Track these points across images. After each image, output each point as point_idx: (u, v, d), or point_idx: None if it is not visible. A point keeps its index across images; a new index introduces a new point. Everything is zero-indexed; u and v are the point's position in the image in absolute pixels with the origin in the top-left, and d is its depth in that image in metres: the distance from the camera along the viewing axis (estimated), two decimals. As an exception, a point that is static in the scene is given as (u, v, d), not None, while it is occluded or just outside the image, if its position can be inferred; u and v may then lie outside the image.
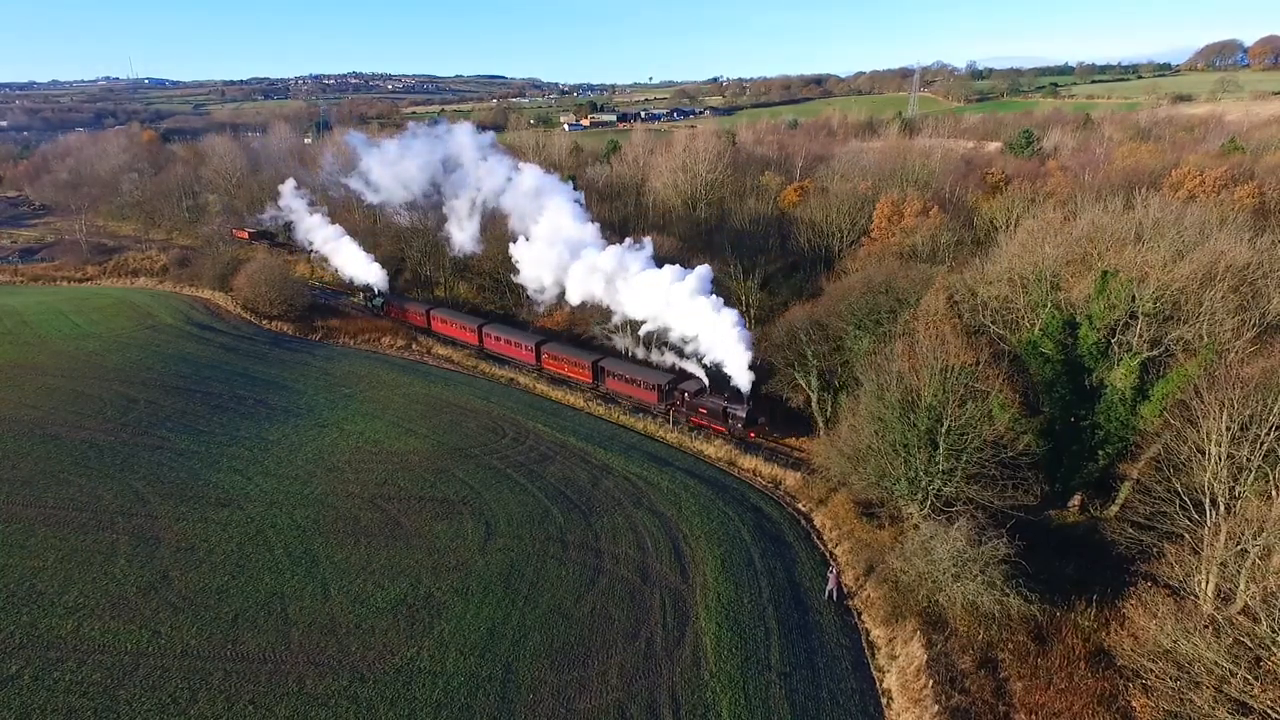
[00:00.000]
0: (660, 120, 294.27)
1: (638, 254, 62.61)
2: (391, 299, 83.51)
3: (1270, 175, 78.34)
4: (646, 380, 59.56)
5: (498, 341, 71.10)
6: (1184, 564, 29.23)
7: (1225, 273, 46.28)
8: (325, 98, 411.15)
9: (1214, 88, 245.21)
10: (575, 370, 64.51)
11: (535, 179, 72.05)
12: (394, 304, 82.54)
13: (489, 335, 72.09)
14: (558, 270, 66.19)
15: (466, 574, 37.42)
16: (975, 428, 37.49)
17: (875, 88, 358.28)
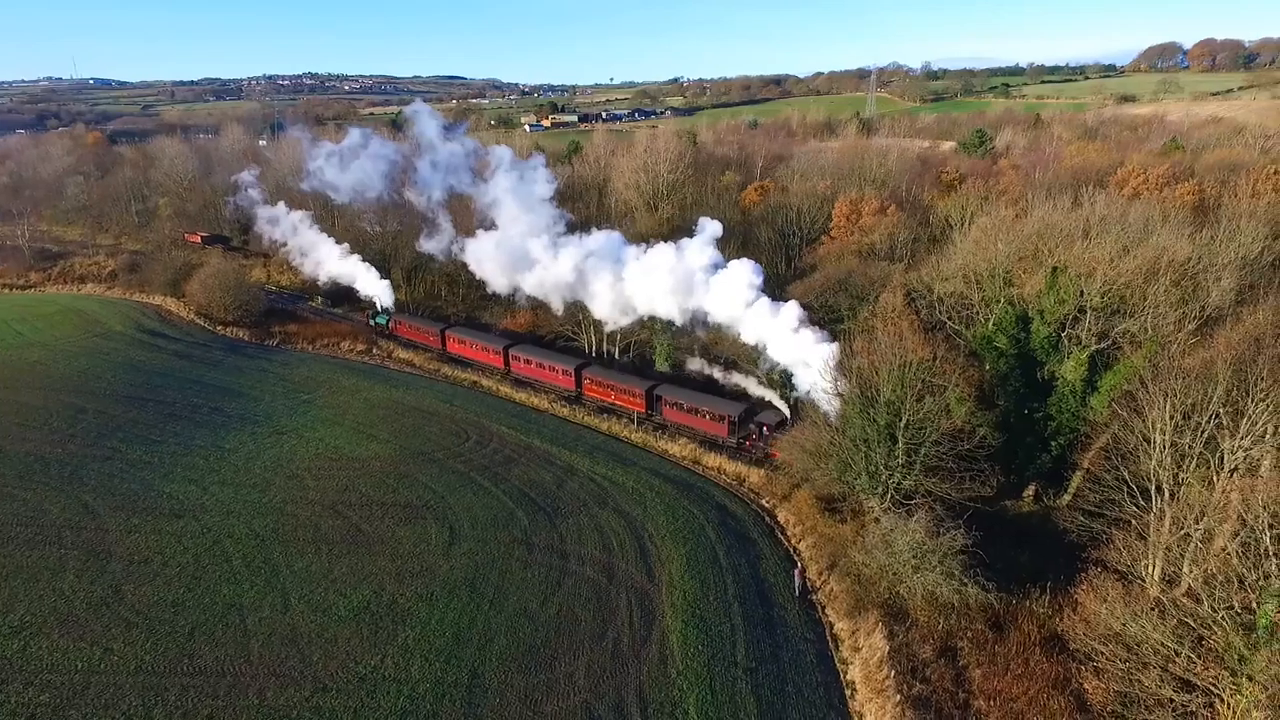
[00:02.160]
0: (622, 121, 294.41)
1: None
2: (399, 317, 77.43)
3: (1209, 173, 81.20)
4: (715, 411, 53.66)
5: (528, 365, 64.79)
6: (1132, 549, 30.20)
7: (1167, 267, 47.91)
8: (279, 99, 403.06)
9: (1156, 89, 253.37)
10: (625, 398, 58.39)
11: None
12: (401, 322, 76.35)
13: (516, 358, 65.91)
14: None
15: (430, 579, 37.07)
16: (933, 421, 38.27)
17: (833, 88, 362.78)
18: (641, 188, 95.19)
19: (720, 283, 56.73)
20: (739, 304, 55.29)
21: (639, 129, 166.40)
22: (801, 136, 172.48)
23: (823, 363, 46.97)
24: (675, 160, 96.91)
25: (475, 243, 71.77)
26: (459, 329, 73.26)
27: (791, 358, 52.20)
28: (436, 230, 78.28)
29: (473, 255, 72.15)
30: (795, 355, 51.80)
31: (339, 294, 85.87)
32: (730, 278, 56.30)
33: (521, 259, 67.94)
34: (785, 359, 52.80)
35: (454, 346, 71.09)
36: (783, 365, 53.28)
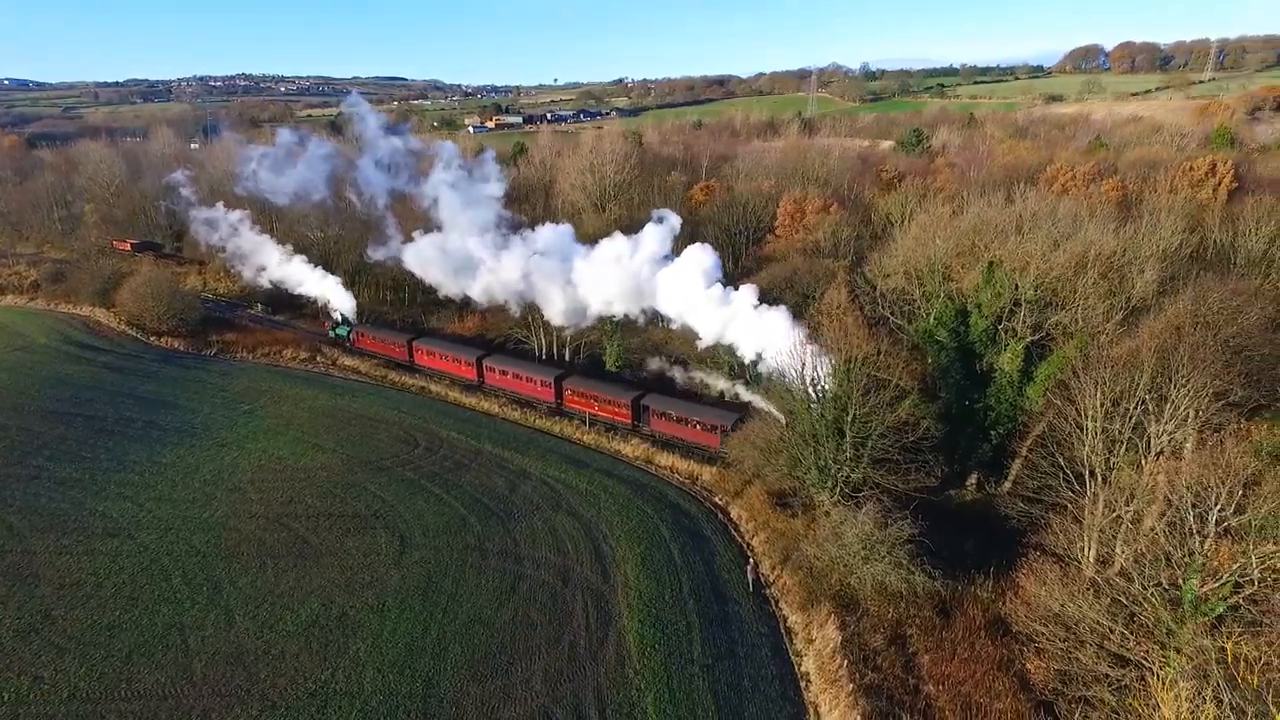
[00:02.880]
0: (567, 122, 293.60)
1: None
2: (361, 328, 73.70)
3: (1130, 170, 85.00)
4: (707, 420, 51.89)
5: (504, 376, 62.26)
6: (1068, 532, 31.37)
7: (1095, 261, 49.91)
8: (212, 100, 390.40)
9: (1081, 89, 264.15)
10: (610, 409, 56.21)
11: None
12: (364, 334, 72.59)
13: (491, 369, 63.18)
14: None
15: (382, 589, 36.38)
16: (878, 415, 39.14)
17: (775, 88, 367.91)
18: (588, 189, 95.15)
19: (676, 271, 56.80)
20: (697, 290, 54.91)
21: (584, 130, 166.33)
22: (745, 136, 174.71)
23: (789, 340, 46.51)
24: (621, 161, 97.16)
25: (416, 246, 70.59)
26: (428, 340, 70.10)
27: (755, 342, 51.28)
28: (380, 233, 76.94)
29: (414, 258, 70.98)
30: (759, 338, 50.72)
31: (280, 300, 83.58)
32: (687, 263, 56.53)
33: (467, 261, 67.33)
34: (748, 343, 52.08)
35: (423, 358, 68.01)
36: (751, 355, 52.34)
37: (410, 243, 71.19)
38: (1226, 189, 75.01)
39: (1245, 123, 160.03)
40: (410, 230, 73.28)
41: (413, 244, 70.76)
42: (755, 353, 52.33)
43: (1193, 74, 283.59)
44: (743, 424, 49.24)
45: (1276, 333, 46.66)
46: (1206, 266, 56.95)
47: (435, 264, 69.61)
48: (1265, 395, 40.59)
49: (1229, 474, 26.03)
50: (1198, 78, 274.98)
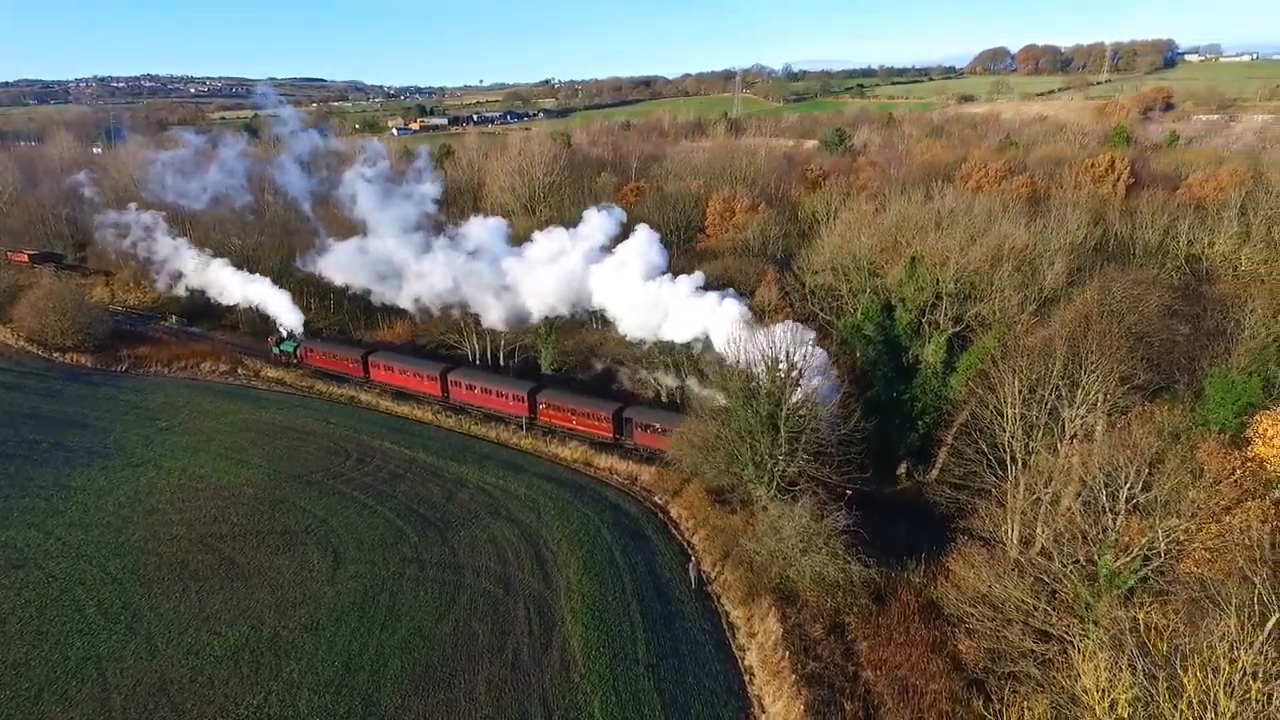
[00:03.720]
0: (494, 123, 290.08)
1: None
2: (309, 343, 69.49)
3: (1038, 167, 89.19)
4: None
5: (471, 391, 59.30)
6: (993, 516, 32.72)
7: (1009, 254, 52.22)
8: (115, 102, 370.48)
9: (991, 90, 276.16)
10: (589, 423, 53.85)
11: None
12: (313, 349, 68.49)
13: (457, 383, 60.27)
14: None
15: (315, 607, 35.20)
16: (812, 409, 40.01)
17: (701, 89, 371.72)
18: (517, 190, 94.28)
19: (619, 259, 56.37)
20: (641, 278, 54.39)
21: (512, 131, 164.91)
22: (673, 137, 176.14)
23: (733, 322, 46.60)
24: (550, 162, 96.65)
25: (334, 254, 68.13)
26: (386, 354, 66.09)
27: (702, 328, 50.63)
28: (303, 239, 74.48)
29: (334, 267, 68.48)
30: (704, 323, 50.06)
31: (197, 311, 79.93)
32: (630, 250, 56.19)
33: (394, 266, 65.75)
34: (695, 331, 51.44)
35: (380, 374, 64.17)
36: (698, 342, 51.26)
37: (328, 251, 68.75)
38: (1124, 184, 79.53)
39: (1139, 122, 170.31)
40: (337, 235, 71.16)
41: (330, 252, 68.32)
42: (701, 341, 51.68)
43: (1090, 75, 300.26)
44: None
45: (1172, 319, 49.81)
46: (1109, 258, 60.32)
47: (358, 271, 67.60)
48: (1165, 378, 43.19)
49: (1136, 454, 27.63)
50: (1095, 79, 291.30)
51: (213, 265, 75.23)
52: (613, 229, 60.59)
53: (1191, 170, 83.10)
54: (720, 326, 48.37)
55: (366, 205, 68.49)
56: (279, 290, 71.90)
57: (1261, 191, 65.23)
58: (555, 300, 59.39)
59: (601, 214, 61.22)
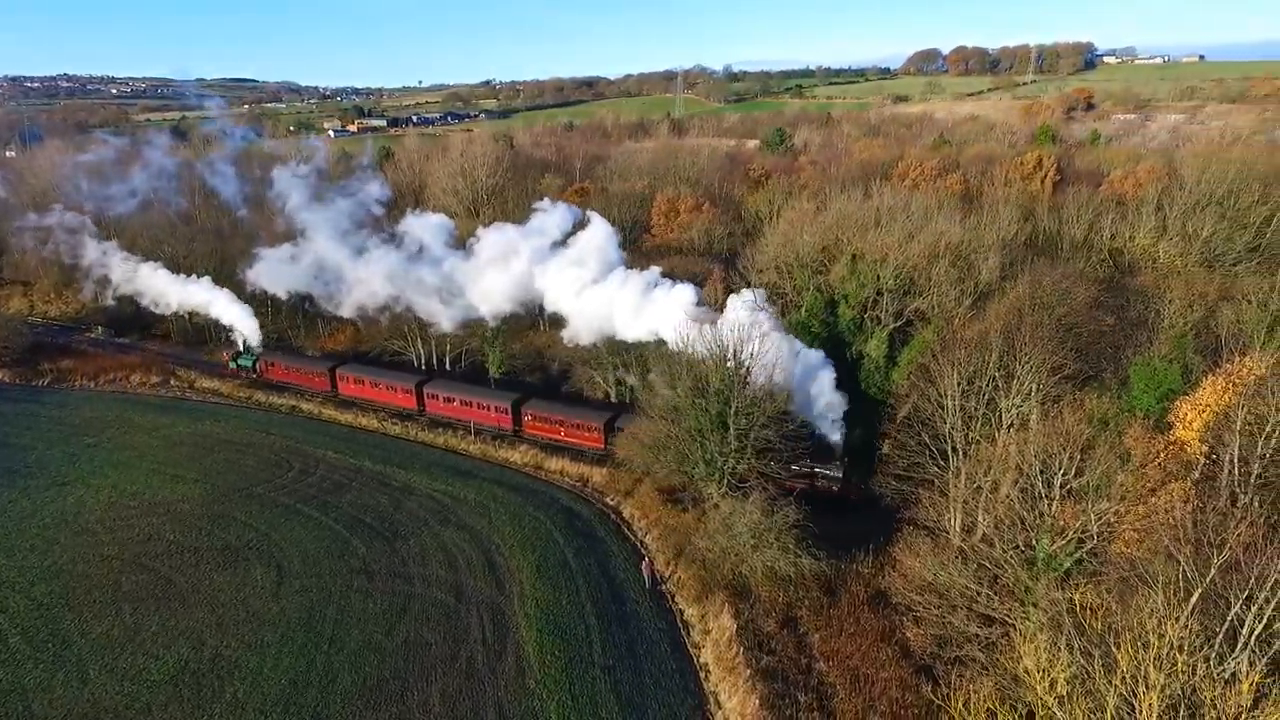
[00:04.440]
0: (434, 125, 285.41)
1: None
2: (269, 356, 66.24)
3: (970, 165, 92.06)
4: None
5: (450, 404, 56.69)
6: (936, 505, 33.64)
7: (945, 250, 53.80)
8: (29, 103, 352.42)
9: (924, 90, 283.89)
10: (578, 434, 52.04)
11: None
12: (274, 363, 65.29)
13: (434, 396, 57.36)
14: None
15: (259, 625, 34.13)
16: (759, 406, 40.52)
17: (643, 89, 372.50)
18: (460, 193, 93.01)
19: (573, 254, 55.76)
20: (598, 270, 53.77)
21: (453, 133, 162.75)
22: (616, 137, 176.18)
23: (682, 316, 46.59)
24: (493, 164, 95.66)
25: (265, 261, 65.93)
26: (355, 367, 63.53)
27: (654, 326, 50.28)
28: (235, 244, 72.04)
29: (265, 274, 66.22)
30: (658, 320, 49.73)
31: (124, 321, 76.62)
32: (588, 239, 55.71)
33: (332, 270, 64.11)
34: (654, 327, 50.88)
35: (350, 388, 61.58)
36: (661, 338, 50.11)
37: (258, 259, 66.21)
38: (1051, 182, 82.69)
39: (1063, 121, 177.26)
40: (273, 240, 69.00)
41: (260, 260, 65.89)
42: (662, 336, 50.78)
43: (1017, 76, 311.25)
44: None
45: (1098, 310, 52.05)
46: (1039, 252, 62.69)
47: (293, 278, 65.50)
48: (1093, 367, 45.07)
49: (1068, 441, 28.76)
50: (1021, 79, 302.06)
51: (144, 270, 71.23)
52: (566, 224, 60.16)
53: (1113, 168, 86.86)
54: (671, 321, 48.38)
55: (301, 207, 66.55)
56: (235, 299, 68.42)
57: (1176, 188, 68.57)
58: (505, 300, 58.68)
59: (554, 208, 60.70)
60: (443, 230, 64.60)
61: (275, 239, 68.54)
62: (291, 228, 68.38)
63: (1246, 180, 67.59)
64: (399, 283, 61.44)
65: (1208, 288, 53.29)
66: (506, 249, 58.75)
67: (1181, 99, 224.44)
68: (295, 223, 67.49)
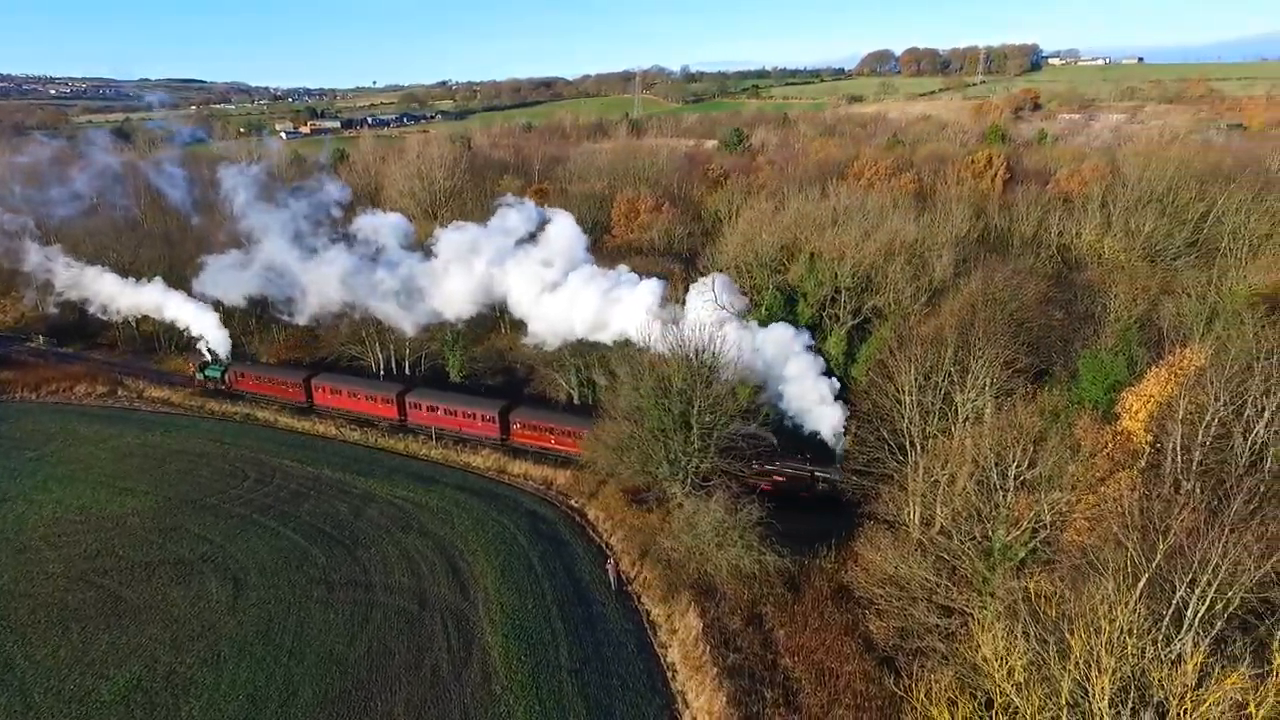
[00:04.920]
0: (390, 126, 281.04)
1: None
2: (239, 366, 63.88)
3: (924, 164, 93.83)
4: None
5: (433, 412, 55.29)
6: (896, 500, 34.20)
7: (900, 248, 54.72)
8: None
9: (878, 90, 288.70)
10: (571, 442, 50.38)
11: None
12: (244, 373, 63.07)
13: (416, 405, 55.73)
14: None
15: (215, 639, 33.27)
16: (722, 405, 40.77)
17: (602, 90, 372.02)
18: (417, 195, 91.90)
19: (540, 250, 55.30)
20: (565, 267, 53.31)
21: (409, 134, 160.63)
22: (575, 138, 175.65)
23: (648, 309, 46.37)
24: (451, 166, 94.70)
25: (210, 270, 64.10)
26: (331, 376, 61.46)
27: (624, 321, 49.85)
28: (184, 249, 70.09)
29: (211, 284, 64.29)
30: (629, 315, 49.28)
31: (67, 330, 74.04)
32: (555, 235, 55.20)
33: (286, 274, 62.79)
34: (618, 324, 50.72)
35: (326, 399, 59.54)
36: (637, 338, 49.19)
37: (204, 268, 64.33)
38: (1001, 180, 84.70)
39: (1012, 121, 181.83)
40: (223, 246, 67.26)
41: (206, 269, 64.00)
42: (628, 335, 50.76)
43: (967, 77, 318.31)
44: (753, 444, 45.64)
45: (1048, 305, 53.44)
46: (991, 249, 64.10)
47: (242, 286, 63.90)
48: (1044, 361, 46.32)
49: (1022, 434, 29.48)
50: (971, 80, 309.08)
51: (90, 273, 68.41)
52: (530, 222, 59.78)
53: (1059, 166, 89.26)
54: (635, 319, 48.38)
55: (252, 210, 65.04)
56: (204, 306, 65.56)
57: (1119, 186, 70.77)
58: (468, 301, 58.04)
59: (518, 204, 60.27)
60: (399, 229, 63.68)
61: (226, 244, 66.82)
62: (243, 232, 66.74)
63: (1184, 178, 70.08)
64: (355, 286, 60.47)
65: (1150, 282, 55.07)
66: (469, 248, 58.16)
67: (1122, 99, 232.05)
68: (246, 227, 65.88)
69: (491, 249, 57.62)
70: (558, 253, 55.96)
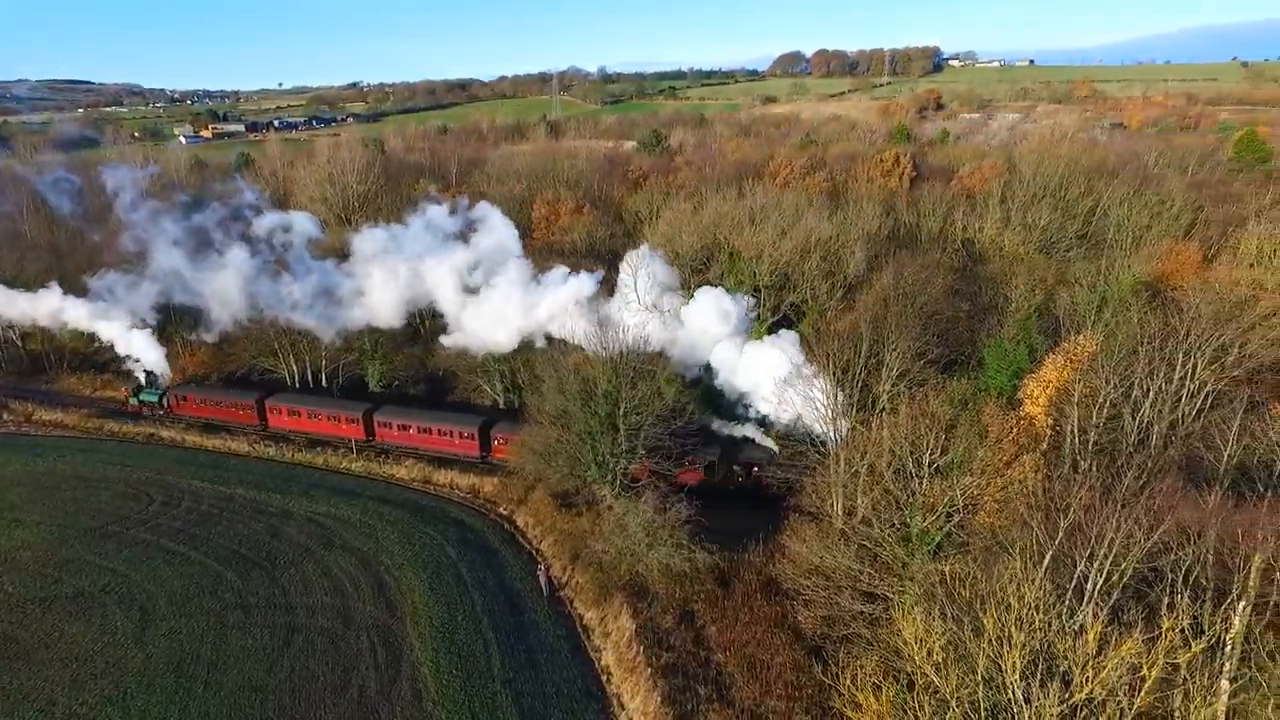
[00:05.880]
0: (298, 129, 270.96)
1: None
2: (182, 389, 59.23)
3: (836, 163, 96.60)
4: (694, 458, 45.43)
5: (404, 431, 52.44)
6: (819, 492, 35.09)
7: (815, 245, 56.21)
8: None
9: (790, 91, 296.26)
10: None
11: None
12: (187, 396, 58.41)
13: (386, 424, 52.77)
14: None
15: (121, 675, 31.41)
16: (648, 405, 40.98)
17: (518, 91, 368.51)
18: (329, 200, 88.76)
19: (468, 256, 54.33)
20: (498, 262, 52.60)
21: (319, 138, 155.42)
22: (493, 140, 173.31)
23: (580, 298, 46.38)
24: (364, 170, 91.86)
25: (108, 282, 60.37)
26: (288, 396, 57.86)
27: (553, 321, 49.67)
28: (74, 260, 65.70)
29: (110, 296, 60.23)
30: (558, 314, 49.31)
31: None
32: (487, 230, 54.53)
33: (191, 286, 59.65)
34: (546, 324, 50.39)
35: (282, 420, 56.14)
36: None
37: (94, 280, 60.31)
38: (908, 178, 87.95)
39: (916, 120, 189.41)
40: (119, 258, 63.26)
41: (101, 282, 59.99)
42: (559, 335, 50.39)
43: (874, 78, 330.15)
44: (731, 457, 46.09)
45: (955, 297, 55.90)
46: (900, 245, 66.51)
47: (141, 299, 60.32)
48: (953, 351, 48.42)
49: (934, 422, 30.74)
50: (878, 81, 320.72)
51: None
52: (456, 222, 58.56)
53: (961, 164, 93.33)
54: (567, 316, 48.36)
55: (149, 220, 61.51)
56: (139, 323, 60.27)
57: (1016, 182, 74.63)
58: (392, 305, 56.37)
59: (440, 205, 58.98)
60: (305, 228, 61.23)
61: (123, 254, 62.91)
62: (139, 243, 62.96)
63: (1073, 175, 74.52)
64: (264, 293, 57.89)
65: (1047, 273, 58.34)
66: (391, 249, 56.54)
67: (1017, 99, 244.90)
68: (142, 237, 62.19)
69: (418, 248, 56.13)
70: (488, 250, 55.07)
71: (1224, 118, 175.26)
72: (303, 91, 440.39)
